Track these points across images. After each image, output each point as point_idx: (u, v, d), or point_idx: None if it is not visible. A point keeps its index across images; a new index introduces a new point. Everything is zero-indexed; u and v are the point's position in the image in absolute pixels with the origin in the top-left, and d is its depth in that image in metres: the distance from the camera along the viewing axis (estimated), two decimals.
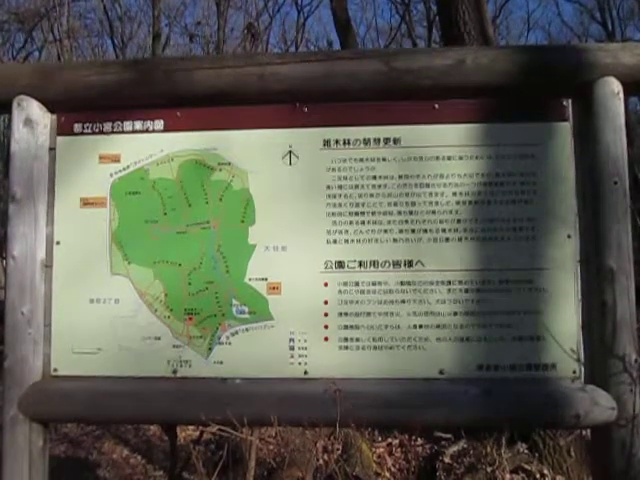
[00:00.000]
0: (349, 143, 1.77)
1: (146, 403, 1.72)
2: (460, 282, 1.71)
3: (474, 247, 1.73)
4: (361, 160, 1.76)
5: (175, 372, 1.73)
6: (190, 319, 1.74)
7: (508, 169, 1.74)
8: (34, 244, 1.77)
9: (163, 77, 1.76)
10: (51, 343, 1.78)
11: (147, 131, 1.81)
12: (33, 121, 1.78)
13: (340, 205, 1.75)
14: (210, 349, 1.73)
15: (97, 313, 1.77)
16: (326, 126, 1.77)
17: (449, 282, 1.71)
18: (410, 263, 1.72)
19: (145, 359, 1.74)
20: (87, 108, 1.82)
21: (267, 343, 1.72)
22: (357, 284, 1.72)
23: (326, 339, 1.71)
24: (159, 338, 1.75)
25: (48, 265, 1.79)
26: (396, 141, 1.76)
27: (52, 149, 1.82)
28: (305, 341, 1.72)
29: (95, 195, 1.80)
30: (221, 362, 1.73)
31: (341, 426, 1.56)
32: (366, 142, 1.77)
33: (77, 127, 1.83)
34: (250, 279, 1.74)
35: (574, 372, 1.68)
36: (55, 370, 1.77)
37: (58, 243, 1.80)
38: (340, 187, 1.76)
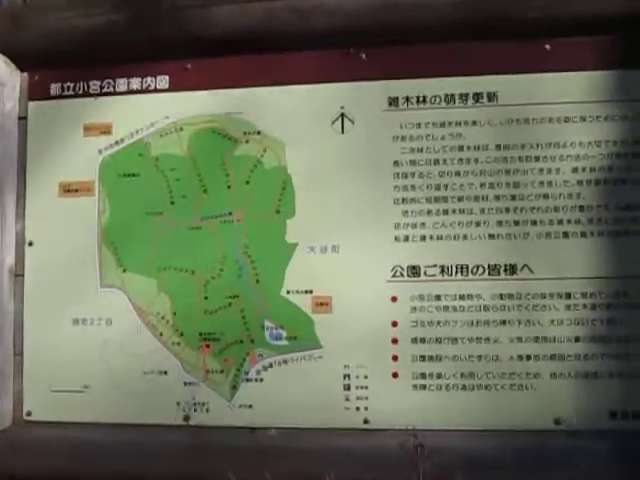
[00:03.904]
0: (425, 101, 1.58)
1: (148, 460, 1.58)
2: (584, 295, 1.51)
3: (603, 245, 1.54)
4: (442, 125, 1.58)
5: (187, 419, 1.61)
6: (207, 347, 1.61)
7: None
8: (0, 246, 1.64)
9: (168, 17, 1.59)
10: (23, 378, 1.68)
11: (147, 91, 1.68)
12: None
13: (413, 188, 1.57)
14: (234, 388, 1.61)
15: (83, 338, 1.65)
16: (392, 78, 1.60)
17: (568, 295, 1.51)
18: (513, 268, 1.53)
19: (147, 401, 1.63)
20: (67, 63, 1.68)
21: (313, 380, 1.58)
22: (438, 298, 1.55)
23: (395, 375, 1.54)
24: (166, 372, 1.62)
25: (18, 274, 1.69)
26: (491, 97, 1.57)
27: (22, 118, 1.71)
28: (365, 378, 1.56)
29: (79, 179, 1.68)
30: (250, 406, 1.59)
31: None
32: (449, 99, 1.58)
33: (55, 88, 1.71)
34: (289, 292, 1.59)
35: None
36: (29, 414, 1.65)
37: (31, 244, 1.70)
38: (413, 163, 1.57)
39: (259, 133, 1.62)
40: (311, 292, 1.59)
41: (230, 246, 1.61)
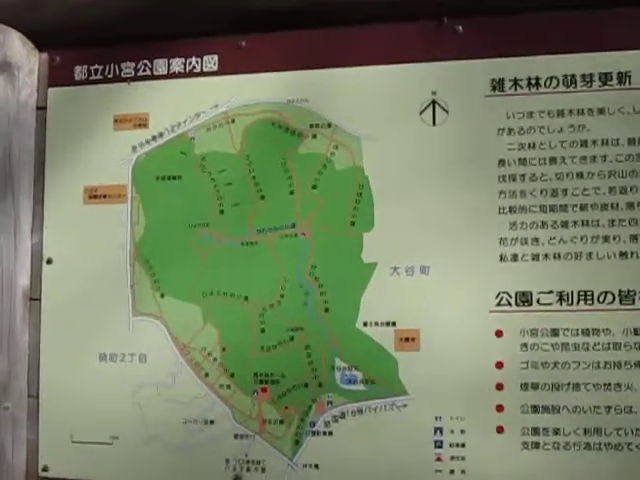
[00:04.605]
0: (537, 84, 1.39)
1: None
2: None
3: None
4: (560, 114, 1.37)
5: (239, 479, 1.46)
6: (264, 391, 1.45)
7: None
8: (12, 263, 1.53)
9: None
10: (39, 425, 1.55)
11: (192, 74, 1.54)
12: (12, 64, 1.53)
13: (523, 194, 1.38)
14: (297, 443, 1.44)
15: (111, 378, 1.52)
16: (497, 56, 1.41)
17: None
18: None
19: (189, 456, 1.48)
20: (95, 41, 1.55)
21: (395, 435, 1.40)
22: (555, 333, 1.35)
23: (500, 430, 1.35)
24: (212, 422, 1.47)
25: (34, 297, 1.55)
26: (623, 78, 1.36)
27: (41, 108, 1.58)
28: (462, 432, 1.37)
29: (108, 182, 1.55)
30: (316, 466, 1.43)
31: None
32: (568, 81, 1.38)
33: (80, 71, 1.58)
34: (366, 324, 1.42)
35: None
36: (45, 469, 1.54)
37: (49, 262, 1.57)
38: (523, 162, 1.38)
39: (329, 126, 1.47)
40: (394, 324, 1.42)
41: (293, 266, 1.46)
